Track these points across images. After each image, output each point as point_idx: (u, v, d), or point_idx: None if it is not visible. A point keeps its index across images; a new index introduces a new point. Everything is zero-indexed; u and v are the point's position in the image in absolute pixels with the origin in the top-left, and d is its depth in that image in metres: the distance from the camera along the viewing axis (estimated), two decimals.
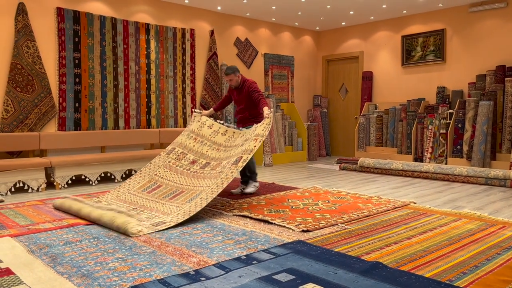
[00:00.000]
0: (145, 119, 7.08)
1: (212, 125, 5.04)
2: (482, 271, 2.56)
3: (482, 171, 5.86)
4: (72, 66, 6.25)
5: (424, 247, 3.03)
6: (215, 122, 5.07)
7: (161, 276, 2.50)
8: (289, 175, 6.80)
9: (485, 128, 6.57)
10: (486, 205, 4.53)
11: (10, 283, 2.42)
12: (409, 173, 6.56)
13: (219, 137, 4.88)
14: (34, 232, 3.46)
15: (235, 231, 3.46)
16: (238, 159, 4.17)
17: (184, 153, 4.81)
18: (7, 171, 5.23)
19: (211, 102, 7.86)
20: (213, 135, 4.93)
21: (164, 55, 7.29)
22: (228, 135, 4.86)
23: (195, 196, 4.06)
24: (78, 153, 6.28)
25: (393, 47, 8.64)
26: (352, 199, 4.68)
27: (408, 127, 7.85)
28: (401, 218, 3.87)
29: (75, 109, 6.30)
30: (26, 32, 5.79)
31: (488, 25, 7.33)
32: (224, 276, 2.48)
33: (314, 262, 2.70)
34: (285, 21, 9.01)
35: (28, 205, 4.56)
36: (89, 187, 5.76)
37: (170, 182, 4.51)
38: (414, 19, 8.29)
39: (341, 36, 9.60)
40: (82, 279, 2.48)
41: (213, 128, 5.00)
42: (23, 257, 2.86)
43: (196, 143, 4.89)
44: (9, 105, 5.67)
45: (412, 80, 8.35)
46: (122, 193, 4.56)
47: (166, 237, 3.31)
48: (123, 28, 6.77)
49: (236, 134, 4.81)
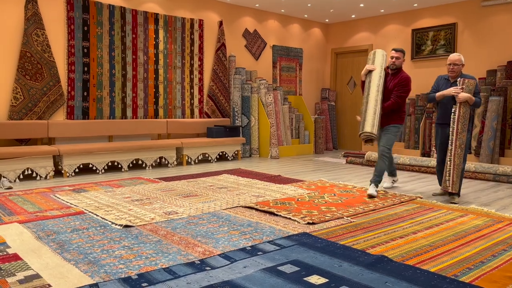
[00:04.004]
0: (153, 109, 7.10)
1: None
2: (488, 267, 2.55)
3: (491, 167, 5.81)
4: (81, 55, 6.26)
5: (429, 242, 3.02)
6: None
7: (167, 265, 2.52)
8: (295, 168, 6.79)
9: (495, 124, 6.50)
10: (493, 201, 4.51)
11: (18, 268, 2.45)
12: (416, 168, 6.52)
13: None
14: (42, 219, 3.50)
15: (240, 222, 3.47)
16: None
17: None
18: (16, 159, 5.28)
19: (219, 93, 7.86)
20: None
21: (173, 46, 7.29)
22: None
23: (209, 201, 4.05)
24: (86, 141, 6.31)
25: (403, 41, 8.55)
26: (358, 193, 4.68)
27: (416, 122, 7.79)
28: (407, 213, 3.86)
29: (83, 98, 6.32)
30: (35, 20, 5.81)
31: (500, 20, 7.22)
32: (229, 266, 2.49)
33: (319, 254, 2.71)
34: (294, 13, 8.95)
35: (36, 192, 4.60)
36: (96, 176, 5.80)
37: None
38: (425, 12, 8.20)
39: (351, 29, 9.52)
40: (89, 266, 2.50)
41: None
42: (31, 243, 2.89)
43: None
44: (18, 93, 5.71)
45: (422, 75, 8.27)
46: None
47: (172, 226, 3.33)
48: (132, 18, 6.76)
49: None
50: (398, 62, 4.67)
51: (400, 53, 4.67)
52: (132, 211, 3.77)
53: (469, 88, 4.25)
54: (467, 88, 4.25)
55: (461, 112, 4.24)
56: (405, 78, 4.63)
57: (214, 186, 4.99)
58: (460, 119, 4.25)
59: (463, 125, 4.24)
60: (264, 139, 8.07)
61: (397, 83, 4.61)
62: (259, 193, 4.62)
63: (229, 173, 6.06)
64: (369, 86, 4.65)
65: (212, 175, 5.84)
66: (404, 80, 4.62)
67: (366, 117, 4.52)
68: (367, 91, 4.65)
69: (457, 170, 4.25)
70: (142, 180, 5.43)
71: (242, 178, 5.60)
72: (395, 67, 4.67)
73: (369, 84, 4.66)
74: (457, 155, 4.24)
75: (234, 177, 5.67)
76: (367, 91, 4.65)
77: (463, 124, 4.24)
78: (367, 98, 4.60)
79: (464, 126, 4.25)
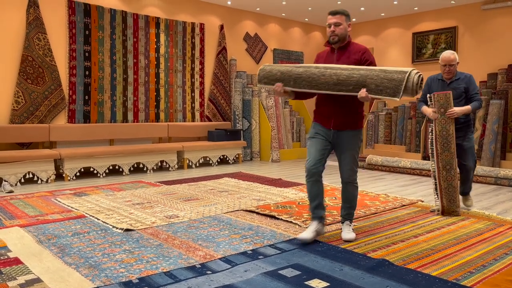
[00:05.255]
0: (154, 113, 7.11)
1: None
2: (489, 270, 2.54)
3: (492, 170, 5.80)
4: (82, 59, 6.28)
5: (431, 245, 3.01)
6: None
7: (168, 268, 2.52)
8: (296, 171, 6.79)
9: (496, 128, 6.50)
10: (494, 204, 4.50)
11: (18, 272, 2.45)
12: (417, 172, 6.51)
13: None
14: (43, 223, 3.50)
15: (241, 225, 3.47)
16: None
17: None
18: (17, 162, 5.28)
19: (220, 97, 7.87)
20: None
21: (174, 49, 7.30)
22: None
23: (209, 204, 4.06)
24: (87, 145, 6.32)
25: (403, 44, 8.56)
26: (359, 196, 4.67)
27: (417, 125, 7.79)
28: (408, 216, 3.85)
29: (85, 102, 6.34)
30: (37, 24, 5.83)
31: (501, 23, 7.23)
32: (230, 270, 2.48)
33: (320, 258, 2.70)
34: (295, 17, 8.97)
35: (37, 196, 4.60)
36: (97, 179, 5.81)
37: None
38: (426, 16, 8.21)
39: (351, 32, 9.50)
40: (90, 270, 2.50)
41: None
42: (32, 247, 2.89)
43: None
44: (19, 97, 5.72)
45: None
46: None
47: (173, 230, 3.33)
48: (133, 22, 6.78)
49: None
50: (340, 30, 3.05)
51: (340, 16, 3.08)
52: (133, 214, 3.77)
53: (441, 103, 3.79)
54: (438, 104, 3.80)
55: (437, 130, 3.82)
56: (364, 50, 3.10)
57: (215, 190, 4.98)
58: (438, 139, 3.82)
59: (442, 145, 3.81)
60: (265, 143, 8.07)
61: (357, 61, 3.04)
62: (260, 196, 4.61)
63: (230, 176, 6.06)
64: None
65: (213, 179, 5.83)
66: (365, 53, 3.08)
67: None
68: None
69: (446, 194, 3.85)
70: (143, 184, 5.43)
71: (243, 181, 5.60)
72: (336, 38, 3.06)
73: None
74: (442, 178, 3.84)
75: (235, 180, 5.67)
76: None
77: (442, 143, 3.81)
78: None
79: (445, 145, 3.80)
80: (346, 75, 2.87)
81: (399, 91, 2.74)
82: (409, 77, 2.74)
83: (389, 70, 2.81)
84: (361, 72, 2.85)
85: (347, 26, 3.12)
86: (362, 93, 2.81)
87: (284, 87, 3.14)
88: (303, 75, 3.03)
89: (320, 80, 2.96)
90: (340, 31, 3.08)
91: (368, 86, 2.82)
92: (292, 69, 3.12)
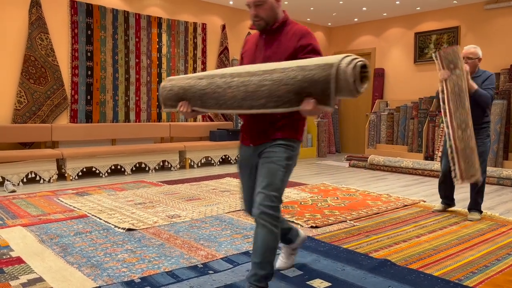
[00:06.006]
0: (156, 113, 7.11)
1: None
2: (492, 271, 2.54)
3: (494, 170, 5.79)
4: (84, 59, 6.29)
5: (433, 245, 3.01)
6: None
7: (170, 268, 2.52)
8: (298, 172, 6.78)
9: (498, 128, 6.48)
10: (497, 205, 4.49)
11: (21, 271, 2.45)
12: (419, 172, 6.50)
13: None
14: (45, 222, 3.50)
15: (243, 225, 3.47)
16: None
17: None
18: (20, 162, 5.29)
19: None
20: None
21: (176, 49, 7.31)
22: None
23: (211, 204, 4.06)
24: (89, 145, 6.33)
25: (405, 44, 8.55)
26: (361, 197, 4.67)
27: (419, 125, 7.78)
28: (410, 216, 3.85)
29: (87, 102, 6.35)
30: (39, 24, 5.84)
31: (503, 23, 7.21)
32: (232, 270, 2.49)
33: (322, 258, 2.70)
34: (297, 16, 8.96)
35: (40, 196, 4.61)
36: (99, 179, 5.82)
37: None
38: (428, 16, 8.19)
39: (353, 32, 9.52)
40: (92, 269, 2.50)
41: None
42: (34, 247, 2.89)
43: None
44: (22, 97, 5.73)
45: (425, 78, 8.26)
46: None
47: (175, 230, 3.33)
48: (135, 22, 6.79)
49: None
50: (265, 12, 2.12)
51: None
52: (135, 214, 3.78)
53: (449, 59, 3.39)
54: (447, 60, 3.41)
55: (449, 88, 3.34)
56: (303, 33, 2.12)
57: (217, 190, 4.99)
58: (451, 96, 3.34)
59: (455, 102, 3.31)
60: None
61: (293, 49, 2.09)
62: None
63: (232, 176, 6.06)
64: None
65: (215, 179, 5.84)
66: (303, 37, 2.10)
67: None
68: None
69: (463, 155, 3.32)
70: (145, 184, 5.43)
71: None
72: (263, 23, 2.15)
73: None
74: (458, 139, 3.31)
75: (237, 180, 5.67)
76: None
77: (455, 101, 3.31)
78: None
79: (459, 103, 3.32)
80: (255, 83, 1.92)
81: (327, 97, 1.81)
82: (339, 72, 1.77)
83: (308, 66, 1.84)
84: (274, 76, 1.89)
85: (274, 2, 2.12)
86: (307, 106, 1.84)
87: (192, 107, 2.20)
88: (207, 91, 2.08)
89: (226, 96, 2.01)
90: (265, 13, 2.11)
91: (283, 97, 1.88)
92: (195, 82, 2.14)
